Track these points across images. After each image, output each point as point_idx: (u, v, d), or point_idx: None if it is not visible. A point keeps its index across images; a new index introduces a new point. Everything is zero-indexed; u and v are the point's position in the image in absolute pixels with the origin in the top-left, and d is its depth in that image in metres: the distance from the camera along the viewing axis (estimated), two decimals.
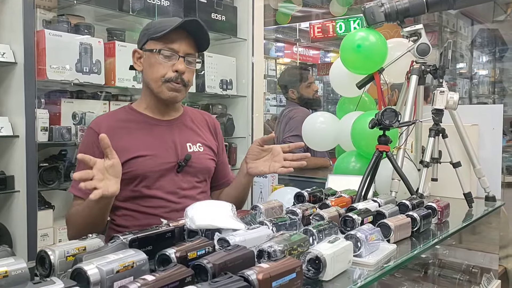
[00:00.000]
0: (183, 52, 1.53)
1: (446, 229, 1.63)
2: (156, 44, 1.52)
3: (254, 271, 0.88)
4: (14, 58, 1.97)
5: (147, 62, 1.55)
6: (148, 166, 1.52)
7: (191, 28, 1.53)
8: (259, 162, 1.64)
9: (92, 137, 1.51)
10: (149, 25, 1.60)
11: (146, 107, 1.61)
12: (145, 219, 1.50)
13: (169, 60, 1.52)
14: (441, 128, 2.01)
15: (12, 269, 0.86)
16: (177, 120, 1.65)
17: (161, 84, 1.53)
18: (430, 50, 2.16)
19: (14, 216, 2.03)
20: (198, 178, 1.64)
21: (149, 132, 1.57)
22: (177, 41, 1.52)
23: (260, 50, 3.15)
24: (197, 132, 1.68)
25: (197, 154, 1.62)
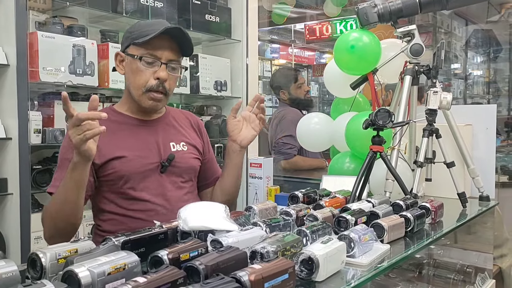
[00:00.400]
0: (166, 59, 1.50)
1: (440, 229, 1.63)
2: (138, 49, 1.49)
3: (246, 272, 0.88)
4: (7, 60, 1.97)
5: (129, 67, 1.53)
6: (131, 167, 1.50)
7: (174, 34, 1.51)
8: (243, 131, 1.66)
9: None
10: (132, 28, 1.56)
11: (128, 108, 1.59)
12: (131, 223, 1.47)
13: (151, 67, 1.49)
14: (435, 128, 2.02)
15: (2, 272, 0.85)
16: (160, 120, 1.64)
17: (142, 93, 1.51)
18: (424, 51, 2.17)
19: (7, 218, 2.01)
20: (183, 178, 1.62)
21: (131, 133, 1.56)
22: (160, 47, 1.49)
23: (255, 51, 3.15)
24: (181, 131, 1.67)
25: (181, 154, 1.61)
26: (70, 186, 1.32)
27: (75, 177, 1.31)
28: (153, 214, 1.49)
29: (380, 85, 2.34)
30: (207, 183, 1.77)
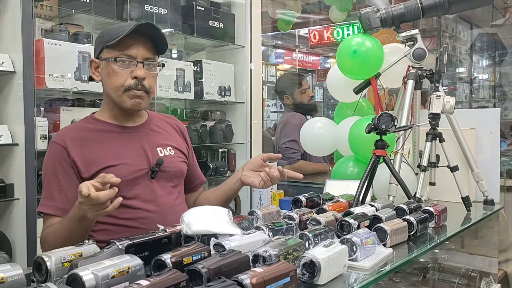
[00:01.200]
0: (141, 57, 1.47)
1: (444, 233, 1.63)
2: (112, 52, 1.46)
3: (248, 275, 0.89)
4: (13, 67, 1.99)
5: (105, 72, 1.49)
6: (120, 175, 1.41)
7: (147, 31, 1.48)
8: (254, 173, 1.63)
9: (57, 150, 1.47)
10: (103, 32, 1.53)
11: (110, 115, 1.56)
12: (124, 232, 1.41)
13: (127, 67, 1.46)
14: (438, 132, 2.02)
15: (8, 275, 0.87)
16: (144, 126, 1.61)
17: (122, 93, 1.47)
18: (426, 55, 2.18)
19: (13, 223, 2.03)
20: (173, 183, 1.61)
21: (116, 141, 1.53)
22: (134, 46, 1.46)
23: (258, 57, 3.17)
24: (165, 136, 1.65)
25: (169, 158, 1.59)
26: (77, 231, 1.32)
27: (84, 226, 1.31)
28: (146, 221, 1.47)
29: (383, 90, 2.34)
30: (191, 186, 1.77)
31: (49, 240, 1.41)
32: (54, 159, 1.47)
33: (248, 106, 3.10)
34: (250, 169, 1.65)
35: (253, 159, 1.68)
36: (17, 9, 1.97)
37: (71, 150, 1.46)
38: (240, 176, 1.64)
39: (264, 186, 1.59)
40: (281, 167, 1.61)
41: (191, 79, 2.85)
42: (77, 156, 1.46)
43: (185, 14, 2.80)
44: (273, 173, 1.55)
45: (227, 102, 3.08)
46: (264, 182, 1.57)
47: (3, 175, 2.05)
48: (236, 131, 3.11)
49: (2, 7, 2.06)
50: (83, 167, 1.46)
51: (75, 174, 1.46)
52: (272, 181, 1.58)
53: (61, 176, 1.45)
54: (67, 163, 1.45)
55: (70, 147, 1.46)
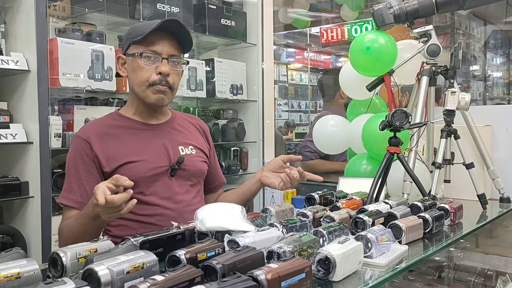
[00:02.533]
0: (166, 54, 1.49)
1: (460, 230, 1.61)
2: (138, 47, 1.49)
3: (263, 271, 0.88)
4: (28, 66, 2.01)
5: (131, 67, 1.52)
6: (140, 172, 1.48)
7: (173, 29, 1.49)
8: (274, 174, 1.64)
9: (80, 144, 1.49)
10: (131, 29, 1.56)
11: (135, 112, 1.58)
12: (141, 228, 1.45)
13: (152, 63, 1.48)
14: (453, 129, 2.00)
15: (24, 271, 0.87)
16: (167, 124, 1.62)
17: (146, 88, 1.50)
18: (441, 51, 2.15)
19: (28, 221, 2.05)
20: (192, 182, 1.61)
21: (138, 137, 1.54)
22: (159, 43, 1.48)
23: (270, 55, 3.17)
24: (188, 135, 1.66)
25: (189, 157, 1.60)
26: (90, 229, 1.34)
27: (97, 224, 1.33)
28: (163, 218, 1.49)
29: (396, 87, 2.32)
30: (212, 187, 1.78)
31: (64, 233, 1.44)
32: (77, 153, 1.50)
33: (260, 105, 3.09)
34: (270, 170, 1.66)
35: (273, 160, 1.69)
36: (31, 8, 1.98)
37: (94, 145, 1.49)
38: (260, 177, 1.66)
39: (283, 187, 1.60)
40: (301, 168, 1.62)
41: (203, 78, 2.85)
42: (99, 151, 1.48)
43: (197, 12, 2.80)
44: (293, 174, 1.57)
45: (239, 101, 3.07)
46: (284, 183, 1.59)
47: (18, 173, 2.07)
48: (248, 129, 3.10)
49: (16, 7, 2.08)
50: (105, 162, 1.48)
51: (97, 169, 1.48)
52: (292, 182, 1.59)
53: (82, 170, 1.48)
54: (89, 157, 1.48)
55: (93, 142, 1.49)
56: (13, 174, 2.07)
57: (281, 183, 1.59)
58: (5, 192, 1.97)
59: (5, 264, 0.88)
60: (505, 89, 8.19)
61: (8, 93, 2.13)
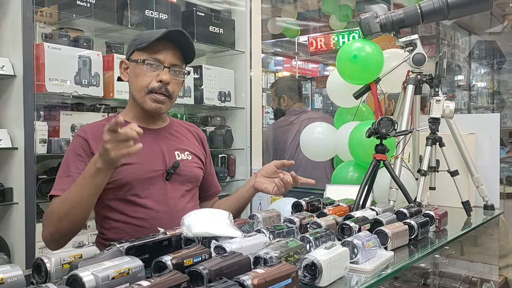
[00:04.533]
0: (168, 63, 1.53)
1: (444, 236, 1.62)
2: (142, 54, 1.53)
3: (250, 276, 0.88)
4: (13, 71, 1.99)
5: (133, 72, 1.56)
6: (135, 174, 1.51)
7: (177, 39, 1.54)
8: (267, 180, 1.67)
9: (78, 141, 1.52)
10: (137, 36, 1.61)
11: (133, 116, 1.61)
12: (134, 231, 1.47)
13: (153, 70, 1.52)
14: (438, 137, 2.02)
15: (8, 276, 0.86)
16: (164, 129, 1.66)
17: (145, 94, 1.53)
18: (426, 60, 2.18)
19: (12, 228, 2.02)
20: (187, 187, 1.64)
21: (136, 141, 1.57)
22: (162, 51, 1.52)
23: (258, 63, 3.18)
24: (185, 142, 1.69)
25: (185, 162, 1.63)
26: (87, 191, 1.35)
27: (95, 183, 1.34)
28: (156, 222, 1.48)
29: (383, 95, 2.34)
30: (207, 194, 1.80)
31: (54, 209, 1.41)
32: (74, 149, 1.52)
33: (248, 112, 3.10)
34: (263, 175, 1.68)
35: (266, 165, 1.71)
36: (18, 13, 1.97)
37: (91, 143, 1.51)
38: (253, 183, 1.68)
39: (277, 192, 1.63)
40: (294, 173, 1.63)
41: (191, 84, 2.85)
42: (96, 150, 1.47)
43: (185, 19, 2.81)
44: (286, 179, 1.60)
45: (227, 108, 3.08)
46: (278, 188, 1.61)
47: (2, 179, 2.04)
48: (236, 136, 3.11)
49: (2, 12, 2.06)
50: None
51: None
52: (285, 187, 1.62)
53: (78, 164, 1.49)
54: (86, 153, 1.50)
55: (91, 141, 1.52)
56: None
57: (275, 188, 1.62)
58: None
59: None
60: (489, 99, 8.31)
61: None
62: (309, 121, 3.26)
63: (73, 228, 1.40)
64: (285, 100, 3.55)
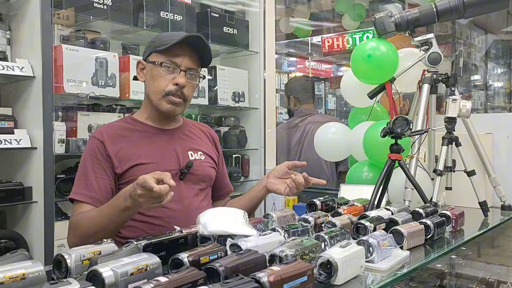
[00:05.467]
0: (185, 67, 1.55)
1: (461, 237, 1.61)
2: (159, 57, 1.55)
3: (266, 273, 0.89)
4: (33, 73, 2.03)
5: (149, 74, 1.58)
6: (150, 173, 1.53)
7: (195, 44, 1.56)
8: (279, 181, 1.67)
9: (95, 143, 1.54)
10: (155, 37, 1.63)
11: (147, 117, 1.64)
12: (150, 229, 1.50)
13: (170, 73, 1.54)
14: (454, 137, 2.01)
15: (29, 272, 0.89)
16: (178, 130, 1.68)
17: (161, 97, 1.56)
18: (442, 59, 2.17)
19: (31, 226, 2.06)
20: (201, 186, 1.66)
21: (150, 141, 1.59)
22: (180, 55, 1.54)
23: (272, 63, 3.18)
24: (198, 142, 1.72)
25: (198, 162, 1.65)
26: (116, 219, 1.38)
27: (124, 215, 1.37)
28: (171, 220, 1.51)
29: (398, 94, 2.33)
30: (220, 194, 1.82)
31: (83, 225, 1.44)
32: (91, 152, 1.55)
33: (262, 112, 3.10)
34: (275, 176, 1.69)
35: (278, 166, 1.72)
36: (37, 16, 2.00)
37: (107, 145, 1.54)
38: (266, 183, 1.69)
39: (289, 193, 1.63)
40: (306, 173, 1.63)
41: (205, 85, 2.87)
42: (112, 151, 1.54)
43: (200, 20, 2.83)
44: (298, 180, 1.60)
45: (241, 108, 3.09)
46: (290, 189, 1.62)
47: (21, 178, 2.08)
48: (250, 137, 3.11)
49: (21, 15, 2.10)
50: (117, 163, 1.53)
51: (110, 168, 1.53)
52: (297, 187, 1.62)
53: (96, 167, 1.52)
54: (102, 156, 1.53)
55: (107, 142, 1.54)
56: (17, 179, 2.08)
57: (287, 189, 1.63)
58: (8, 197, 1.97)
59: (11, 265, 0.89)
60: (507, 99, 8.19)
61: (13, 99, 2.15)
62: (314, 124, 3.26)
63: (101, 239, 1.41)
64: (293, 100, 3.54)
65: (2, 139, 1.95)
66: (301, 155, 3.36)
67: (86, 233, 1.42)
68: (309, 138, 3.22)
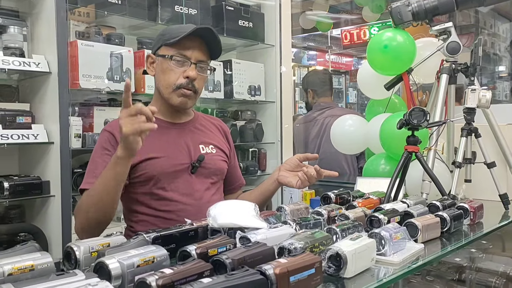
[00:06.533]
0: (195, 59, 1.54)
1: (480, 230, 1.57)
2: (169, 50, 1.54)
3: (272, 265, 0.88)
4: (49, 68, 2.06)
5: (160, 68, 1.57)
6: (161, 167, 1.53)
7: (205, 36, 1.55)
8: (291, 173, 1.66)
9: (106, 136, 1.54)
10: (164, 31, 1.61)
11: (158, 111, 1.58)
12: (162, 223, 1.49)
13: (181, 66, 1.53)
14: (474, 128, 1.95)
15: (38, 263, 0.90)
16: (189, 124, 1.67)
17: (172, 90, 1.55)
18: (461, 48, 2.11)
19: (49, 220, 2.10)
20: (212, 179, 1.65)
21: (161, 135, 1.58)
22: (190, 48, 1.53)
23: (288, 56, 3.16)
24: (209, 135, 1.71)
25: (210, 156, 1.64)
26: (111, 182, 1.36)
27: (118, 172, 1.34)
28: (183, 214, 1.50)
29: (415, 85, 2.29)
30: (231, 188, 1.81)
31: (83, 207, 1.44)
32: (102, 144, 1.55)
33: (278, 105, 3.09)
34: (287, 169, 1.68)
35: (290, 159, 1.71)
36: (52, 12, 2.03)
37: (118, 137, 1.51)
38: (277, 176, 1.67)
39: (301, 185, 1.62)
40: (317, 166, 1.61)
41: (220, 79, 2.86)
42: None
43: (215, 14, 2.82)
44: (310, 172, 1.58)
45: (257, 101, 3.08)
46: (302, 182, 1.60)
47: (39, 172, 2.12)
48: (266, 130, 3.10)
49: (37, 11, 2.13)
50: None
51: None
52: (309, 180, 1.60)
53: (105, 158, 1.51)
54: (112, 147, 1.52)
55: (118, 135, 1.52)
56: (35, 173, 2.12)
57: (299, 182, 1.61)
58: (26, 191, 2.01)
59: (20, 256, 0.90)
60: None
61: (30, 94, 2.19)
62: (332, 118, 3.22)
63: (102, 219, 1.42)
64: (311, 94, 3.51)
65: (20, 134, 1.99)
66: (320, 149, 3.33)
67: (86, 208, 1.41)
68: (328, 132, 3.19)
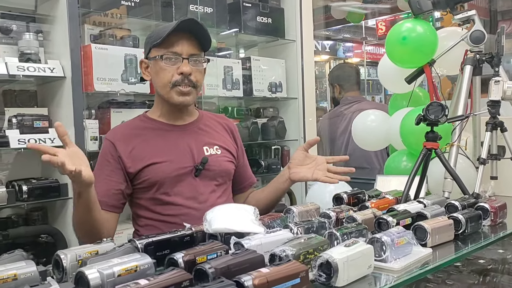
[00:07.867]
0: (186, 54, 1.51)
1: (502, 230, 1.47)
2: (159, 50, 1.51)
3: (251, 276, 0.84)
4: (63, 73, 2.09)
5: (154, 70, 1.55)
6: (164, 172, 1.51)
7: (191, 28, 1.51)
8: (302, 168, 1.62)
9: (107, 147, 1.54)
10: (151, 33, 1.59)
11: (160, 114, 1.61)
12: (167, 227, 1.44)
13: (173, 64, 1.50)
14: (499, 121, 1.84)
15: (21, 272, 0.89)
16: (192, 124, 1.64)
17: (170, 89, 1.52)
18: (485, 37, 2.00)
19: (68, 222, 2.13)
20: (217, 181, 1.61)
21: (163, 139, 1.57)
22: (178, 43, 1.50)
23: (310, 51, 3.09)
24: (214, 135, 1.66)
25: (214, 157, 1.61)
26: (82, 210, 1.36)
27: (84, 203, 1.33)
28: (188, 218, 1.48)
29: (438, 78, 2.17)
30: (241, 187, 1.76)
31: (75, 226, 1.47)
32: (103, 154, 1.56)
33: (300, 102, 3.02)
34: (297, 165, 1.64)
35: (295, 153, 1.67)
36: (65, 17, 2.06)
37: (118, 146, 1.53)
38: (289, 175, 1.64)
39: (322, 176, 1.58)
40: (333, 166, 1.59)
41: (239, 77, 2.83)
42: (123, 152, 1.52)
43: (231, 11, 2.79)
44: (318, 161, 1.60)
45: (278, 98, 3.03)
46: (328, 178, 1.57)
47: (57, 175, 2.15)
48: (289, 127, 3.05)
49: (52, 17, 2.17)
50: (129, 163, 1.52)
51: (121, 169, 1.52)
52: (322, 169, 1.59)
53: (106, 170, 1.52)
54: (113, 158, 1.53)
55: (118, 144, 1.54)
56: (53, 176, 2.16)
57: (316, 172, 1.58)
58: (45, 194, 2.06)
59: (4, 266, 0.90)
60: None
61: (48, 99, 2.24)
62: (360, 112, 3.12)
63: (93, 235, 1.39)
64: (338, 89, 3.42)
65: (37, 138, 2.03)
66: (349, 145, 3.24)
67: (79, 233, 1.45)
68: None
